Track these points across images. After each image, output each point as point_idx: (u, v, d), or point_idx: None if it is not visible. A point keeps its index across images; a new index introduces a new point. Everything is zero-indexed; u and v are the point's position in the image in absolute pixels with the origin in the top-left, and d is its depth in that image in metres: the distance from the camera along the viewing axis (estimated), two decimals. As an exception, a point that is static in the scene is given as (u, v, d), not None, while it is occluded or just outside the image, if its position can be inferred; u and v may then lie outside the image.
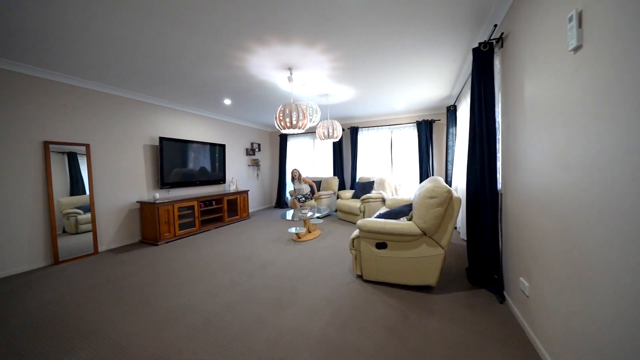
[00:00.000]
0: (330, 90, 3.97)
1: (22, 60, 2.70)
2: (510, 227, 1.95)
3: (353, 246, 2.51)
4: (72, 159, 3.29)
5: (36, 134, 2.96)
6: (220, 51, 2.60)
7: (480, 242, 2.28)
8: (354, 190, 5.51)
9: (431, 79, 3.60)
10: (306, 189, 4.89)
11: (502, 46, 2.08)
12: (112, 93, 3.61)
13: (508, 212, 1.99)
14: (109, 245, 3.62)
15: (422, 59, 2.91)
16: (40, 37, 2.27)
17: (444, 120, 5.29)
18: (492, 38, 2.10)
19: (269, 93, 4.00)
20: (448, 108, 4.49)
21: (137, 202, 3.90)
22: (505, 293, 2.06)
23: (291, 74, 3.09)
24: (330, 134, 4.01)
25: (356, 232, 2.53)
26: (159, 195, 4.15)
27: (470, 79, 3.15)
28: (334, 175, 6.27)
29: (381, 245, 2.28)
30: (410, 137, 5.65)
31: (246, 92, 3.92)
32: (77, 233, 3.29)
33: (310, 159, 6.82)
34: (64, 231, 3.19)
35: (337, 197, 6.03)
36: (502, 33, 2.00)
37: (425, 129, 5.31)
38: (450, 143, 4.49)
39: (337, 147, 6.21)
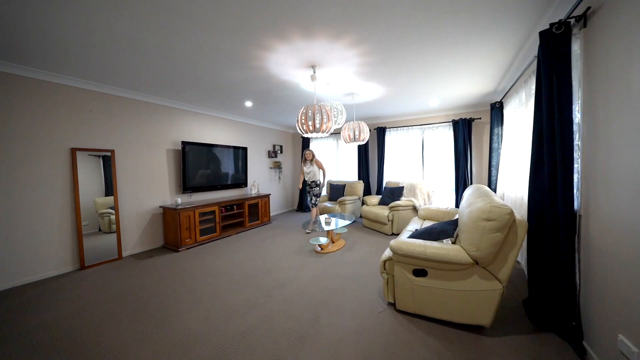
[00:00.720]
0: (356, 89, 3.63)
1: (50, 69, 2.72)
2: (594, 260, 1.50)
3: (384, 269, 2.17)
4: (107, 161, 3.36)
5: (64, 140, 2.99)
6: (238, 51, 2.39)
7: (547, 273, 1.82)
8: (380, 196, 5.11)
9: (475, 73, 3.11)
10: (318, 173, 4.53)
11: (584, 25, 1.61)
12: (136, 98, 3.61)
13: (592, 241, 1.53)
14: (132, 250, 3.64)
15: (468, 49, 2.47)
16: (64, 45, 2.22)
17: (486, 119, 4.69)
18: (570, 16, 1.64)
19: (291, 94, 3.76)
20: (492, 105, 3.93)
21: (160, 207, 3.89)
22: (586, 344, 1.60)
23: (314, 72, 2.81)
24: (357, 137, 3.68)
25: (387, 253, 2.19)
26: (181, 200, 4.12)
27: (526, 71, 2.63)
28: (359, 179, 5.91)
29: (420, 273, 1.92)
30: (444, 137, 5.10)
31: (267, 93, 3.71)
32: (110, 232, 3.39)
33: (333, 161, 6.51)
34: (99, 229, 3.31)
35: (362, 203, 5.67)
36: (589, 8, 1.54)
37: (463, 128, 4.74)
38: (494, 145, 3.93)
39: (363, 149, 5.83)
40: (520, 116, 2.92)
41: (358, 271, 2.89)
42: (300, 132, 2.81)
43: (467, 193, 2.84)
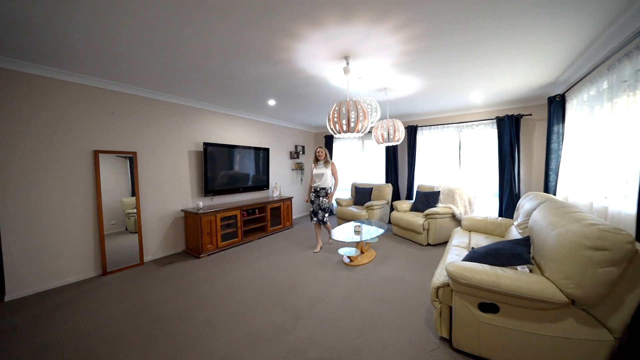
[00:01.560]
0: (390, 83, 3.25)
1: (69, 68, 2.62)
2: None
3: (437, 297, 1.80)
4: (133, 161, 3.28)
5: (86, 143, 2.91)
6: (263, 41, 2.12)
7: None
8: (412, 202, 4.67)
9: (534, 61, 2.61)
10: (330, 179, 3.62)
11: None
12: (157, 98, 3.48)
13: None
14: (154, 255, 3.52)
15: (537, 30, 2.02)
16: (80, 43, 2.08)
17: (538, 115, 4.10)
18: None
19: (317, 90, 3.46)
20: (552, 99, 3.37)
21: (182, 210, 3.76)
22: None
23: (348, 63, 2.48)
24: (391, 137, 3.30)
25: (441, 278, 1.81)
26: (203, 203, 3.97)
27: (617, 53, 2.06)
28: (387, 182, 5.49)
29: (489, 308, 1.53)
30: (486, 137, 4.55)
31: (292, 90, 3.44)
32: (135, 232, 3.32)
33: (358, 162, 6.14)
34: (126, 229, 3.27)
35: (391, 209, 5.26)
36: None
37: (509, 126, 4.18)
38: (554, 146, 3.37)
39: (391, 150, 5.41)
40: (598, 110, 2.39)
41: (397, 291, 2.52)
42: (332, 131, 2.49)
43: (531, 203, 2.38)
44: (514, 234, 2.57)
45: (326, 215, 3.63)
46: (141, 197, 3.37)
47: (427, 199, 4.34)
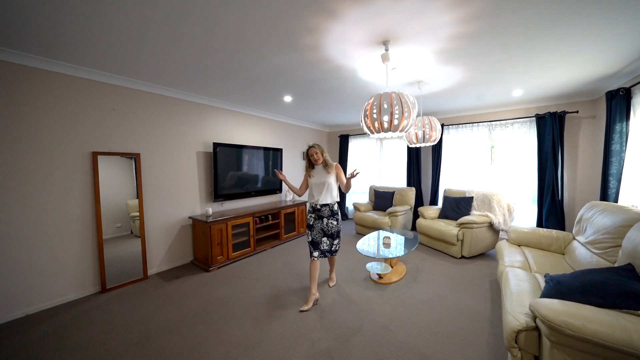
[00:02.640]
0: (427, 76, 2.85)
1: (64, 59, 2.28)
2: None
3: (516, 343, 1.40)
4: (136, 163, 2.95)
5: (83, 143, 2.57)
6: (288, 21, 1.74)
7: None
8: (439, 207, 4.26)
9: (600, 46, 2.17)
10: (335, 190, 2.48)
11: None
12: (163, 94, 3.13)
13: None
14: (159, 267, 3.18)
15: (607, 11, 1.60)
16: (73, 31, 1.73)
17: (585, 113, 3.66)
18: None
19: (342, 85, 3.07)
20: (612, 94, 2.92)
21: (189, 217, 3.41)
22: None
23: (387, 49, 2.09)
24: (427, 137, 2.89)
25: (519, 315, 1.42)
26: (212, 209, 3.62)
27: None
28: (409, 185, 5.08)
29: (608, 371, 1.13)
30: (521, 136, 4.12)
31: (314, 84, 3.06)
32: (140, 236, 2.99)
33: (375, 163, 5.73)
34: (131, 232, 2.98)
35: (414, 214, 4.86)
36: None
37: (551, 125, 3.74)
38: (615, 147, 2.92)
39: (414, 150, 4.99)
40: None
41: (443, 320, 2.12)
42: (367, 130, 2.10)
43: (612, 218, 1.96)
44: (583, 253, 2.16)
45: (335, 243, 2.45)
46: (145, 203, 3.03)
47: (458, 206, 3.93)
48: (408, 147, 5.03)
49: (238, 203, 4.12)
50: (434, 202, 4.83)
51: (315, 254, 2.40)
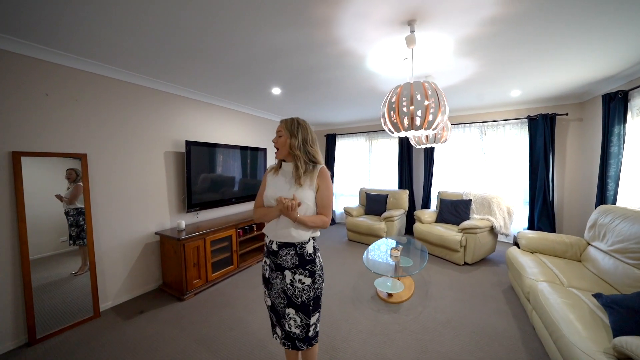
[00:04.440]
0: (438, 69, 2.58)
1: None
2: None
3: (604, 393, 1.13)
4: (81, 167, 2.26)
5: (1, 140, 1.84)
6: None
7: None
8: (435, 211, 4.09)
9: (606, 47, 2.10)
10: (309, 206, 1.25)
11: None
12: (119, 78, 2.46)
13: None
14: (116, 299, 2.50)
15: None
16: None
17: (574, 115, 3.72)
18: None
19: (345, 75, 2.68)
20: (611, 96, 2.93)
21: (157, 233, 2.75)
22: None
23: (412, 31, 1.74)
24: (438, 136, 2.62)
25: (596, 354, 1.15)
26: (186, 221, 2.99)
27: None
28: (400, 187, 4.86)
29: None
30: (513, 138, 4.11)
31: (311, 74, 2.62)
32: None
33: (364, 165, 5.45)
34: (84, 243, 2.30)
35: (409, 219, 4.65)
36: None
37: (542, 126, 3.75)
38: (613, 150, 2.93)
39: (405, 151, 4.79)
40: None
41: (474, 348, 1.84)
42: (390, 129, 1.74)
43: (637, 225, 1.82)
44: (610, 262, 2.03)
45: (312, 322, 1.28)
46: (95, 217, 2.33)
47: (456, 209, 3.77)
48: (400, 147, 4.82)
49: (217, 212, 3.51)
50: (426, 205, 4.68)
51: (279, 332, 1.35)
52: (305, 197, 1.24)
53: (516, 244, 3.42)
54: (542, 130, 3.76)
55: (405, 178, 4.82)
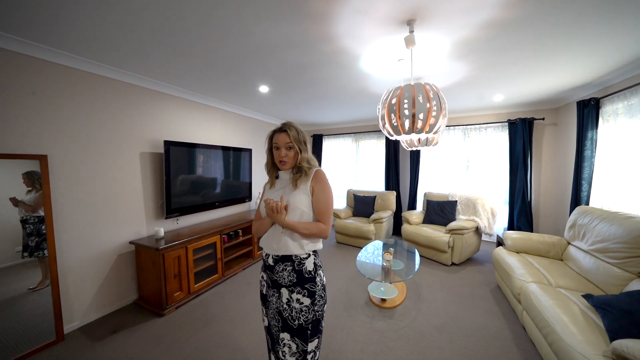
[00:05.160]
0: (431, 72, 2.57)
1: None
2: None
3: (606, 398, 1.14)
4: (41, 170, 1.97)
5: None
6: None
7: None
8: (422, 212, 4.14)
9: (586, 55, 2.20)
10: (304, 212, 1.15)
11: None
12: (85, 69, 2.18)
13: None
14: (84, 318, 2.22)
15: (610, 20, 1.53)
16: None
17: (550, 120, 3.92)
18: None
19: (338, 75, 2.59)
20: (585, 103, 3.10)
21: (132, 242, 2.50)
22: None
23: (412, 31, 1.69)
24: (430, 139, 2.62)
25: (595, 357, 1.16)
26: (165, 228, 2.76)
27: None
28: (388, 189, 4.88)
29: None
30: (494, 141, 4.26)
31: (302, 72, 2.50)
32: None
33: (352, 166, 5.42)
34: (45, 254, 1.98)
35: (396, 220, 4.68)
36: None
37: (521, 130, 3.93)
38: (587, 153, 3.11)
39: (392, 152, 4.81)
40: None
41: (470, 351, 1.84)
42: (389, 132, 1.68)
43: (617, 227, 1.92)
44: (591, 261, 2.13)
45: (311, 349, 1.14)
46: (57, 226, 2.05)
47: (443, 210, 3.84)
48: (387, 149, 4.84)
49: (198, 217, 3.28)
50: (413, 206, 4.73)
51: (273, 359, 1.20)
52: (299, 201, 1.14)
53: (499, 243, 3.53)
54: (521, 134, 3.94)
55: (392, 179, 4.85)
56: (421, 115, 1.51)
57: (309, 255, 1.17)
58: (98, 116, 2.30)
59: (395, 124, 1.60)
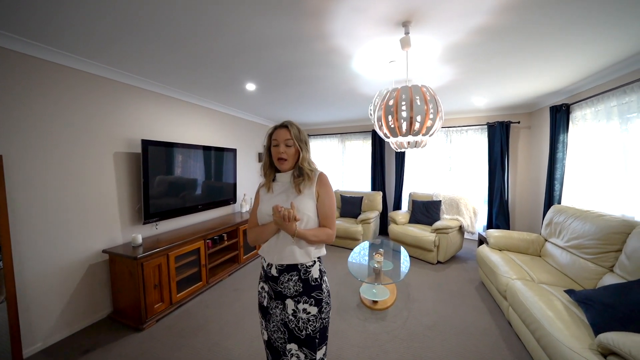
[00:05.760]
0: (420, 74, 2.61)
1: None
2: None
3: (596, 390, 1.19)
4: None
5: None
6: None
7: None
8: (407, 212, 4.22)
9: (562, 63, 2.35)
10: (310, 217, 1.09)
11: None
12: (49, 59, 1.95)
13: None
14: (49, 339, 1.99)
15: (586, 31, 1.65)
16: None
17: (524, 123, 4.16)
18: None
19: (329, 75, 2.54)
20: (557, 108, 3.31)
21: (105, 251, 2.28)
22: None
23: (407, 33, 1.68)
24: (419, 141, 2.65)
25: (591, 355, 1.22)
26: (143, 234, 2.55)
27: None
28: (374, 189, 4.93)
29: None
30: (474, 143, 4.45)
31: (292, 70, 2.43)
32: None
33: (338, 166, 5.41)
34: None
35: (382, 220, 4.74)
36: None
37: (499, 133, 4.13)
38: (558, 155, 3.33)
39: (378, 153, 4.87)
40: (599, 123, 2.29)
41: (462, 350, 1.88)
42: (387, 133, 1.66)
43: (590, 225, 2.06)
44: (567, 257, 2.27)
45: (318, 356, 1.10)
46: (15, 236, 1.81)
47: (428, 210, 3.94)
48: (373, 149, 4.89)
49: (180, 222, 3.08)
50: (398, 206, 4.82)
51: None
52: (305, 206, 1.09)
53: (481, 241, 3.68)
54: (499, 136, 4.14)
55: (378, 179, 4.90)
56: (419, 118, 1.50)
57: (315, 262, 1.12)
58: (65, 112, 2.07)
59: (392, 125, 1.58)
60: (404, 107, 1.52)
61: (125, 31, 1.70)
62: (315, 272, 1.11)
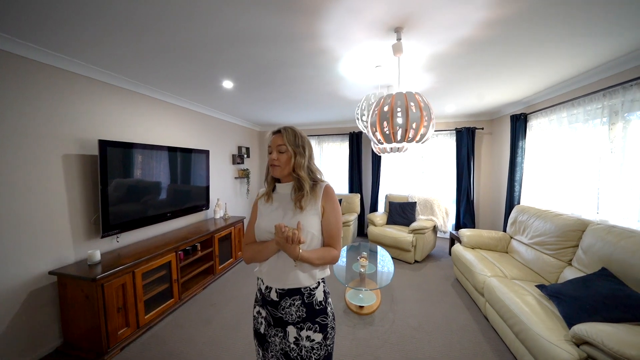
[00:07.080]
0: (401, 80, 2.66)
1: None
2: None
3: (575, 380, 1.30)
4: None
5: None
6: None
7: None
8: (385, 214, 4.33)
9: (528, 75, 2.59)
10: (314, 235, 0.99)
11: None
12: (-21, 39, 1.57)
13: None
14: (-25, 385, 1.60)
15: (561, 46, 1.87)
16: None
17: (487, 130, 4.53)
18: None
19: (314, 76, 2.46)
20: (516, 117, 3.65)
21: (52, 272, 1.91)
22: None
23: (399, 39, 1.69)
24: (401, 146, 2.71)
25: (568, 346, 1.34)
26: (102, 249, 2.21)
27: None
28: (351, 191, 4.97)
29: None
30: (444, 147, 4.73)
31: (276, 69, 2.30)
32: None
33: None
34: None
35: (360, 221, 4.78)
36: None
37: (467, 138, 4.44)
38: (518, 159, 3.67)
39: (355, 155, 4.92)
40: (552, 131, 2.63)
41: (447, 349, 1.95)
42: (376, 142, 1.64)
43: (550, 224, 2.29)
44: (532, 253, 2.49)
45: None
46: None
47: (404, 211, 4.08)
48: (350, 152, 4.92)
49: (146, 232, 2.75)
50: (375, 207, 4.92)
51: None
52: (309, 223, 0.99)
53: (453, 240, 3.92)
54: (466, 141, 4.45)
55: (355, 181, 4.95)
56: (414, 125, 1.51)
57: (319, 283, 1.03)
58: (4, 103, 1.68)
59: (387, 132, 1.56)
60: (399, 114, 1.51)
61: (82, 14, 1.43)
62: (319, 295, 1.01)
